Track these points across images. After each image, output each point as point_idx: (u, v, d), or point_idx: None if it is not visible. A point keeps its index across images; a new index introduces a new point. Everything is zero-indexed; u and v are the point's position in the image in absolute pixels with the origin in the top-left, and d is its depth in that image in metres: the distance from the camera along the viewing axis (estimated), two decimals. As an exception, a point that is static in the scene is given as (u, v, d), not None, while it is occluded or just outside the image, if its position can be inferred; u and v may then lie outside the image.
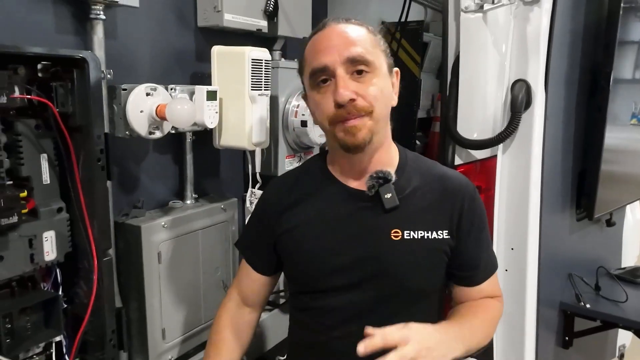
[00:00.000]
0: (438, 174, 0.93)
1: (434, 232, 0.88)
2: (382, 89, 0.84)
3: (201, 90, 1.22)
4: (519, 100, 1.33)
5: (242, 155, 1.51)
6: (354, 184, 0.91)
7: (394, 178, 0.87)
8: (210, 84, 1.28)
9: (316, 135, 1.51)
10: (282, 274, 1.06)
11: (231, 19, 1.31)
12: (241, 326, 1.04)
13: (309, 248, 0.92)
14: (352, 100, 0.81)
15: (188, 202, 1.35)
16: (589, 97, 1.50)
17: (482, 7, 1.38)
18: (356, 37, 0.84)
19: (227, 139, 1.31)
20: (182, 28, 1.31)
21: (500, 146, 1.40)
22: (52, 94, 0.87)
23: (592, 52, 1.47)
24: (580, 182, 1.55)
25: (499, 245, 1.44)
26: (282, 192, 0.98)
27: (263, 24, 1.42)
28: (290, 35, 1.53)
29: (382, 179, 0.86)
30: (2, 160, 0.83)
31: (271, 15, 1.43)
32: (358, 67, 0.82)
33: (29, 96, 0.83)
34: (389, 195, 0.86)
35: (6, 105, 0.78)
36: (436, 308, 0.95)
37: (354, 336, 0.84)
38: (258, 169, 1.35)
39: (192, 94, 1.23)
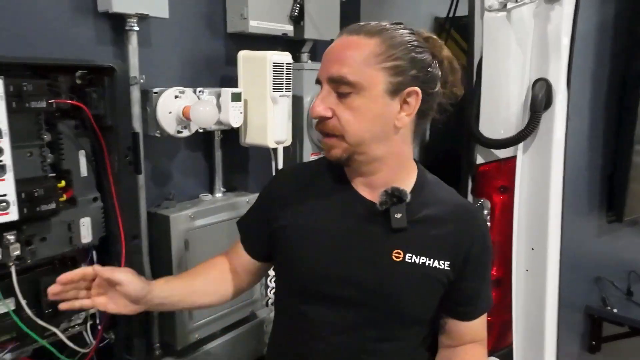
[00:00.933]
0: (454, 204, 0.89)
1: (436, 261, 0.84)
2: (365, 112, 0.79)
3: (227, 92, 1.32)
4: (538, 99, 1.32)
5: (268, 153, 1.60)
6: (365, 192, 0.87)
7: (408, 199, 0.83)
8: (237, 87, 1.38)
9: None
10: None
11: (257, 25, 1.40)
12: (222, 278, 1.00)
13: (306, 249, 0.88)
14: (327, 117, 0.80)
15: (217, 195, 1.47)
16: (618, 96, 1.45)
17: (505, 5, 1.38)
18: (348, 54, 0.79)
19: (252, 137, 1.41)
20: (212, 35, 1.42)
21: (521, 145, 1.39)
22: (87, 99, 1.00)
23: (621, 49, 1.42)
24: (610, 184, 1.50)
25: (519, 245, 1.44)
26: (291, 183, 0.94)
27: (289, 28, 1.50)
28: (317, 38, 1.60)
29: (396, 197, 0.82)
30: (46, 155, 0.97)
31: (297, 19, 1.51)
32: (340, 87, 0.79)
33: (66, 100, 0.96)
34: (398, 215, 0.82)
35: (46, 109, 0.91)
36: (426, 336, 0.93)
37: (337, 352, 0.86)
38: (281, 165, 1.44)
39: (218, 96, 1.34)
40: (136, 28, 1.17)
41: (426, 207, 0.86)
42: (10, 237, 0.91)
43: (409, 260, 0.83)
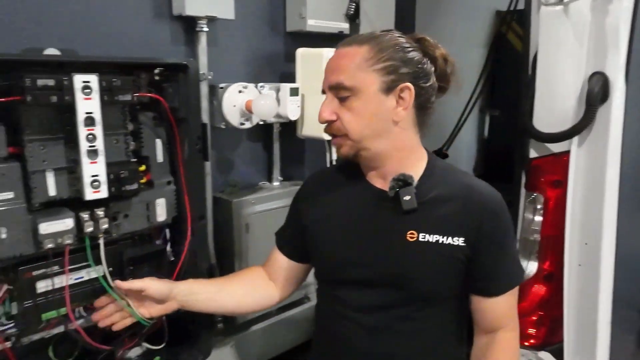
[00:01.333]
0: (465, 184, 0.94)
1: (450, 238, 0.89)
2: (362, 111, 0.88)
3: (285, 87, 1.42)
4: (594, 93, 1.31)
5: (323, 144, 1.69)
6: (378, 183, 0.95)
7: (415, 182, 0.90)
8: (295, 82, 1.48)
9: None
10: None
11: (314, 23, 1.49)
12: (254, 284, 1.09)
13: (330, 240, 0.97)
14: (332, 120, 0.90)
15: (274, 183, 1.58)
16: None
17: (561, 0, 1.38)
18: (343, 63, 0.89)
19: (308, 130, 1.51)
20: (273, 34, 1.53)
21: (575, 139, 1.38)
22: (164, 93, 1.12)
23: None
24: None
25: (572, 240, 1.43)
26: (318, 184, 1.05)
27: (344, 26, 1.58)
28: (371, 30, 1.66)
29: (402, 181, 0.89)
30: (129, 142, 1.11)
31: (352, 17, 1.58)
32: (339, 93, 0.89)
33: (147, 94, 1.09)
34: (407, 198, 0.88)
35: (131, 102, 1.04)
36: (454, 316, 0.96)
37: (366, 328, 0.94)
38: (335, 157, 1.52)
39: (278, 91, 1.44)
40: (206, 29, 1.30)
41: (435, 189, 0.92)
42: (100, 212, 1.05)
43: (423, 240, 0.90)
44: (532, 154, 1.49)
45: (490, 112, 2.95)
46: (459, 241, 0.89)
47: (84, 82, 0.94)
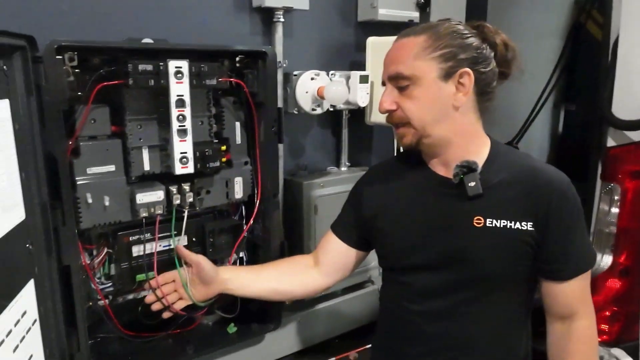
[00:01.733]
0: (530, 167, 0.93)
1: (517, 223, 0.89)
2: (423, 98, 0.90)
3: (355, 74, 1.47)
4: (681, 78, 1.25)
5: (391, 131, 1.72)
6: (441, 171, 0.96)
7: (479, 168, 0.91)
8: (365, 70, 1.52)
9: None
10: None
11: (385, 12, 1.52)
12: (293, 270, 1.14)
13: (394, 228, 1.00)
14: (393, 110, 0.93)
15: (342, 168, 1.63)
16: None
17: (647, -19, 1.32)
18: (400, 53, 0.92)
19: (376, 117, 1.54)
20: (344, 23, 1.58)
21: (659, 127, 1.32)
22: (244, 79, 1.21)
23: None
24: None
25: (655, 232, 1.36)
26: (379, 175, 1.07)
27: (415, 15, 1.59)
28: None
29: (466, 167, 0.90)
30: (212, 124, 1.21)
31: (423, 6, 1.59)
32: (399, 82, 0.91)
33: (231, 79, 1.19)
34: (472, 184, 0.89)
35: (216, 86, 1.14)
36: (521, 304, 0.97)
37: (431, 312, 0.96)
38: (402, 143, 1.55)
39: (348, 78, 1.49)
40: (282, 19, 1.37)
41: (500, 174, 0.92)
42: (186, 187, 1.16)
43: (490, 225, 0.90)
44: (610, 142, 1.44)
45: (566, 107, 2.82)
46: (527, 225, 0.89)
47: (177, 67, 1.05)
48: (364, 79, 1.47)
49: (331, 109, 1.50)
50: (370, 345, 1.30)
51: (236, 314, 1.31)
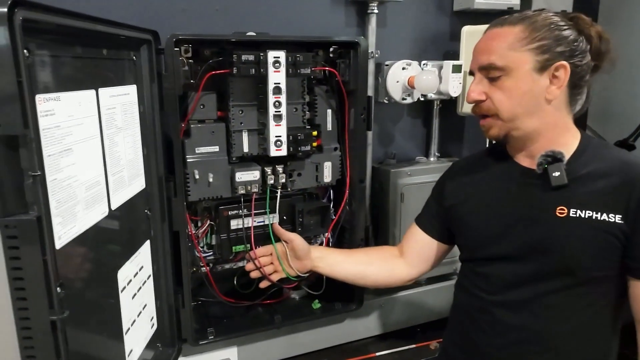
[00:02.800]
0: (622, 160, 0.90)
1: (605, 215, 0.86)
2: (514, 90, 0.89)
3: (448, 64, 1.46)
4: None
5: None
6: (525, 162, 0.96)
7: (565, 158, 0.89)
8: (459, 60, 1.51)
9: (562, 107, 1.56)
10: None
11: (482, 1, 1.49)
12: (381, 257, 1.20)
13: (476, 218, 1.00)
14: (481, 101, 0.92)
15: (431, 159, 1.64)
16: None
17: None
18: (493, 43, 0.90)
19: (468, 107, 1.50)
20: (439, 13, 1.58)
21: None
22: (337, 68, 1.28)
23: None
24: None
25: None
26: (464, 167, 1.09)
27: (515, 2, 1.54)
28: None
29: (551, 157, 0.89)
30: (305, 111, 1.29)
31: (525, -7, 1.54)
32: (490, 73, 0.90)
33: (324, 68, 1.26)
34: (557, 174, 0.88)
35: (310, 74, 1.21)
36: (609, 301, 0.92)
37: (510, 303, 0.94)
38: (495, 135, 1.51)
39: (440, 68, 1.49)
40: (376, 11, 1.41)
41: (589, 165, 0.89)
42: (280, 168, 1.26)
43: (574, 215, 0.87)
44: None
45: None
46: (615, 218, 0.85)
47: (275, 57, 1.14)
48: (456, 69, 1.46)
49: (422, 99, 1.51)
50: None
51: (321, 292, 1.39)
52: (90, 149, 0.78)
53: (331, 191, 1.40)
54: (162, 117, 1.08)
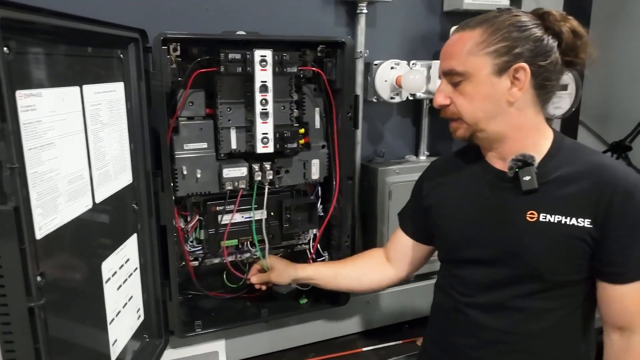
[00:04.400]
0: (595, 163, 0.89)
1: (574, 219, 0.86)
2: (475, 94, 0.90)
3: (436, 64, 1.48)
4: None
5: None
6: (498, 164, 0.96)
7: (536, 162, 0.89)
8: (447, 59, 1.52)
9: (551, 107, 1.57)
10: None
11: (471, 1, 1.51)
12: (370, 268, 1.23)
13: (449, 221, 1.02)
14: (446, 105, 0.94)
15: (421, 157, 1.65)
16: None
17: None
18: (454, 49, 0.91)
19: (457, 106, 1.54)
20: (429, 14, 1.59)
21: None
22: (324, 67, 1.30)
23: None
24: None
25: None
26: (440, 168, 1.10)
27: (504, 1, 1.55)
28: (536, 11, 1.60)
29: (522, 161, 0.89)
30: (293, 109, 1.31)
31: (514, -7, 1.55)
32: (452, 78, 0.92)
33: (309, 67, 1.28)
34: (527, 178, 0.88)
35: (297, 73, 1.24)
36: (579, 304, 0.92)
37: (484, 305, 0.96)
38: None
39: (429, 68, 1.51)
40: (365, 11, 1.43)
41: (560, 168, 0.89)
42: (267, 165, 1.28)
43: (544, 220, 0.88)
44: None
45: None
46: (584, 222, 0.86)
47: (262, 56, 1.16)
48: (445, 69, 1.48)
49: (411, 98, 1.53)
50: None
51: (309, 288, 1.42)
52: (74, 143, 0.81)
53: (319, 188, 1.43)
54: (150, 114, 1.11)
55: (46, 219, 0.72)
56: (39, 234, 0.70)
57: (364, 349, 1.48)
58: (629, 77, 2.39)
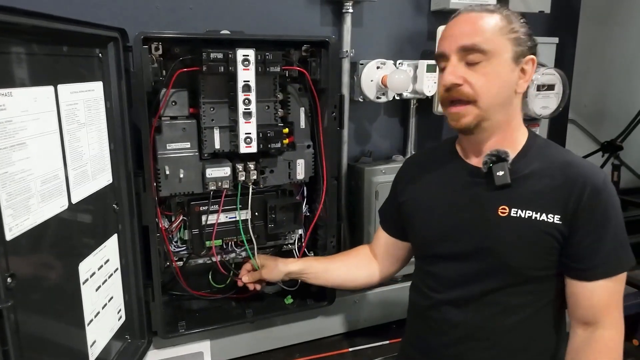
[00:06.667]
0: (564, 161, 0.90)
1: (544, 215, 0.86)
2: (495, 77, 0.87)
3: (423, 64, 1.48)
4: None
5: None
6: (473, 161, 0.96)
7: (510, 158, 0.89)
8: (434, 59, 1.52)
9: (537, 107, 1.57)
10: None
11: (458, 1, 1.51)
12: (358, 264, 1.23)
13: (423, 216, 1.02)
14: (458, 85, 0.87)
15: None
16: None
17: None
18: (478, 25, 0.86)
19: (444, 106, 1.54)
20: (416, 13, 1.59)
21: None
22: (308, 67, 1.29)
23: None
24: None
25: None
26: (414, 165, 1.11)
27: (491, 1, 1.55)
28: (524, 10, 1.60)
29: (496, 156, 0.90)
30: (278, 109, 1.30)
31: (502, -7, 1.55)
32: (470, 55, 0.86)
33: (293, 67, 1.27)
34: (500, 173, 0.88)
35: (280, 73, 1.23)
36: (551, 300, 0.93)
37: (456, 301, 0.96)
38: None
39: (416, 68, 1.51)
40: (350, 10, 1.43)
41: (532, 165, 0.90)
42: (251, 165, 1.28)
43: (515, 215, 0.89)
44: None
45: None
46: (554, 218, 0.86)
47: (244, 55, 1.16)
48: (431, 68, 1.48)
49: (398, 98, 1.52)
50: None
51: (296, 288, 1.41)
52: (47, 143, 0.80)
53: (304, 188, 1.42)
54: (132, 114, 1.10)
55: (17, 220, 0.71)
56: (9, 235, 0.69)
57: (351, 349, 1.47)
58: (621, 77, 2.40)
